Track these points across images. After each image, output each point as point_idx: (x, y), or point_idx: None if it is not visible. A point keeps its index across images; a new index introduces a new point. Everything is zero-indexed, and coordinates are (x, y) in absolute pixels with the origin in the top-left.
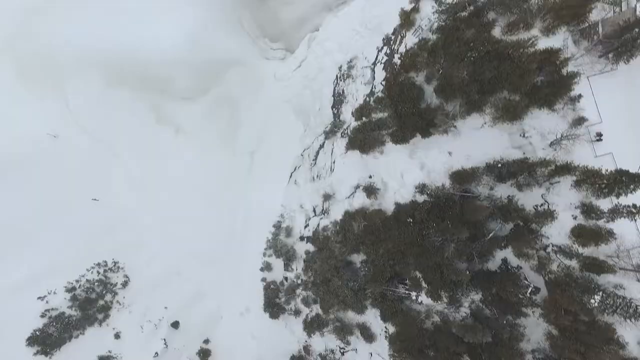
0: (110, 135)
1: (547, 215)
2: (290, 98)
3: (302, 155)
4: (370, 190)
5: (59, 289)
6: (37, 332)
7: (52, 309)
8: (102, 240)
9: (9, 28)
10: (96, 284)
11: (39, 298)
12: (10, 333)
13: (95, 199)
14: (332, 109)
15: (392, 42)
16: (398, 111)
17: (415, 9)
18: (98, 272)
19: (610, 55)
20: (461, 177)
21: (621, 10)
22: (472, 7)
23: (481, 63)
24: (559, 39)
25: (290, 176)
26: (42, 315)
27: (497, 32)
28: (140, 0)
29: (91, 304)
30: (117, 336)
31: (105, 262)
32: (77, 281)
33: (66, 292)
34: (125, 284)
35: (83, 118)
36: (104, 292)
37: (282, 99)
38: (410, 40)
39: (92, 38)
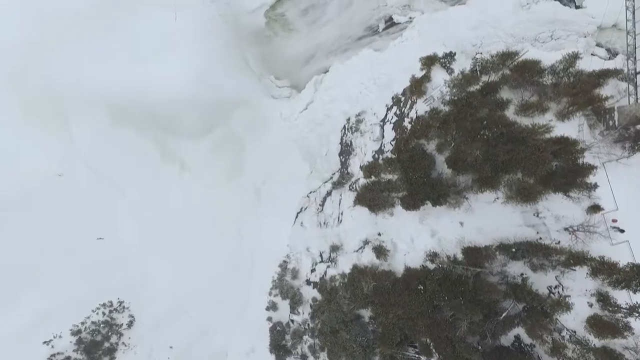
0: (115, 173)
1: (562, 304)
2: (296, 138)
3: (308, 196)
4: (380, 251)
5: (65, 332)
6: None
7: (58, 354)
8: (107, 279)
9: (13, 63)
10: (101, 325)
11: (44, 342)
12: None
13: (100, 238)
14: (340, 157)
15: (402, 104)
16: (408, 178)
17: (427, 77)
18: (103, 313)
19: (626, 145)
20: (474, 254)
21: (636, 90)
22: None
23: (495, 143)
24: (574, 124)
25: (297, 216)
26: None
27: (511, 110)
28: (145, 40)
29: (97, 346)
30: None
31: (111, 302)
32: (82, 323)
33: (72, 336)
34: (130, 324)
35: (88, 156)
36: (109, 333)
37: (288, 139)
38: (421, 107)
39: (96, 76)
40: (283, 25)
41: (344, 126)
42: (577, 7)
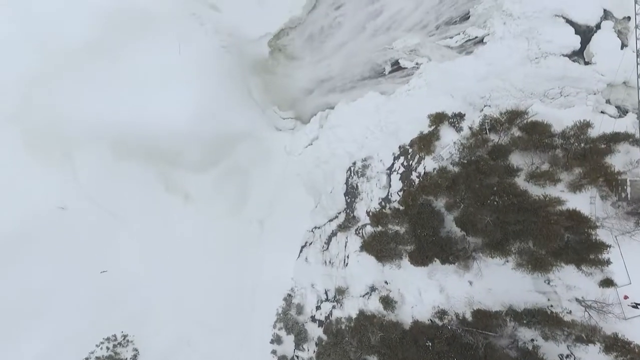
0: (119, 206)
1: None
2: (301, 172)
3: (312, 231)
4: (387, 302)
5: None
6: None
7: None
8: (111, 312)
9: (17, 97)
10: None
11: None
12: None
13: (104, 271)
14: (345, 197)
15: (409, 156)
16: (417, 234)
17: (435, 136)
18: (107, 348)
19: (638, 220)
20: (484, 318)
21: None
22: (490, 133)
23: (505, 211)
24: (586, 195)
25: (301, 250)
26: None
27: (521, 176)
28: (149, 74)
29: None
30: None
31: (115, 336)
32: (86, 359)
33: None
34: (134, 358)
35: (91, 189)
36: None
37: (293, 172)
38: (429, 163)
39: (100, 110)
40: (287, 54)
41: (350, 168)
42: (586, 63)
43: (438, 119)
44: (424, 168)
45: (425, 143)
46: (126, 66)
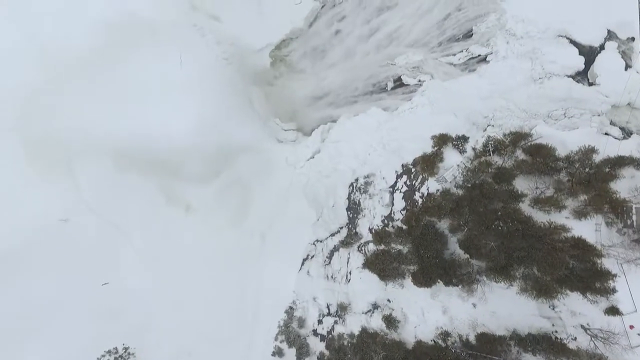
0: (120, 217)
1: None
2: (303, 185)
3: (314, 244)
4: (390, 321)
5: None
6: None
7: None
8: (112, 325)
9: (17, 108)
10: None
11: None
12: None
13: (105, 283)
14: (347, 212)
15: (412, 175)
16: (420, 255)
17: (439, 157)
18: None
19: None
20: (488, 342)
21: None
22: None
23: (510, 237)
24: (592, 222)
25: (303, 263)
26: None
27: (526, 201)
28: (150, 85)
29: None
30: None
31: (116, 348)
32: None
33: None
34: None
35: (92, 201)
36: None
37: (294, 184)
38: (432, 184)
39: (101, 122)
40: (288, 65)
41: (352, 184)
42: (590, 84)
43: (441, 140)
44: (427, 189)
45: (428, 164)
46: (127, 77)
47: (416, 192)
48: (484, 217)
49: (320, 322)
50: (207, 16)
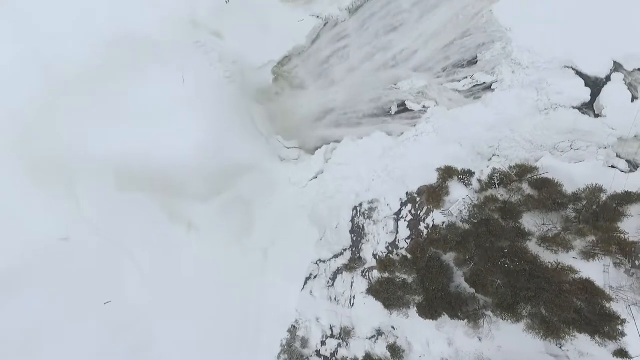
0: (122, 235)
1: None
2: (306, 204)
3: (317, 264)
4: (395, 350)
5: None
6: None
7: None
8: (114, 344)
9: (18, 126)
10: None
11: None
12: None
13: (107, 302)
14: (351, 235)
15: (417, 205)
16: (425, 287)
17: (445, 191)
18: None
19: None
20: None
21: None
22: (499, 187)
23: (516, 276)
24: (599, 264)
25: (305, 282)
26: None
27: (532, 240)
28: (151, 104)
29: None
30: None
31: None
32: None
33: None
34: None
35: (94, 219)
36: None
37: (297, 203)
38: (438, 216)
39: (102, 141)
40: (291, 82)
41: (356, 208)
42: (596, 116)
43: (447, 173)
44: (433, 220)
45: (434, 197)
46: (129, 95)
47: (421, 222)
48: (491, 254)
49: (323, 343)
50: (209, 33)
